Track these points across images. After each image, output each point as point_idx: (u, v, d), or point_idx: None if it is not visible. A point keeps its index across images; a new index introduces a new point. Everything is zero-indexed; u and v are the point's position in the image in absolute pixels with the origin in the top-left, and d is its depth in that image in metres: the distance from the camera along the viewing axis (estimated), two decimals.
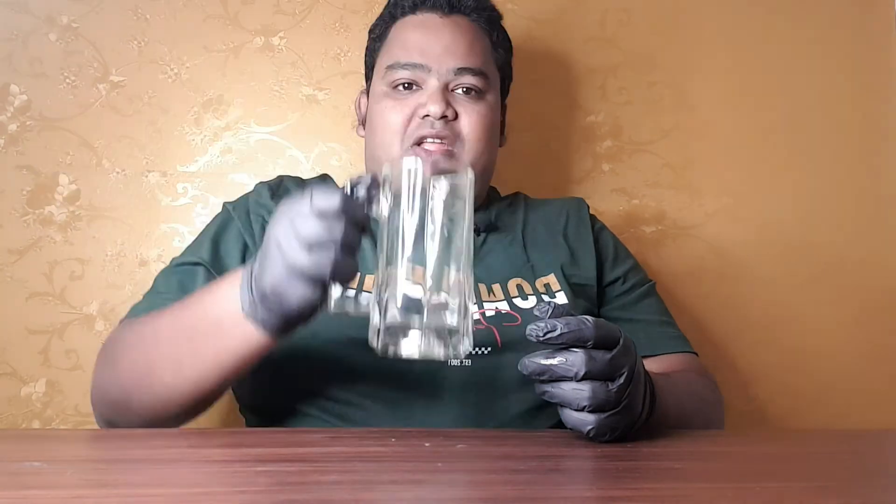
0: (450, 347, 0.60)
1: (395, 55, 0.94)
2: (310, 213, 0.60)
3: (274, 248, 0.61)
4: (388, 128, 0.93)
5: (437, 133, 0.91)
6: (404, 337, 0.59)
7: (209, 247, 0.89)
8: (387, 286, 0.60)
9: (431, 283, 0.59)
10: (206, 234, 0.92)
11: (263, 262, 0.62)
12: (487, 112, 0.94)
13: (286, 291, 0.61)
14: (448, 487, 0.52)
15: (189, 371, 0.69)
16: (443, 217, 0.61)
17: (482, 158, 0.94)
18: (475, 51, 0.95)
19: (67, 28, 1.18)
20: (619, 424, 0.63)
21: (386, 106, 0.94)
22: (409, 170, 0.61)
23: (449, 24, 0.95)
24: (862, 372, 1.29)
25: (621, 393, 0.62)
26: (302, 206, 0.60)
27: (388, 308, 0.60)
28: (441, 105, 0.90)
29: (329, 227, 0.59)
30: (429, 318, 0.59)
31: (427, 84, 0.92)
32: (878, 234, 1.33)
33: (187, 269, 0.87)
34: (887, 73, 1.35)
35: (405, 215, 0.60)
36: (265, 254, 0.62)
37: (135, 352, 0.74)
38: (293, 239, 0.59)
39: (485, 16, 0.98)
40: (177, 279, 0.87)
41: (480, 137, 0.93)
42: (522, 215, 1.00)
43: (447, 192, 0.61)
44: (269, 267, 0.61)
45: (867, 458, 0.68)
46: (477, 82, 0.94)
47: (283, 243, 0.60)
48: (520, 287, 0.90)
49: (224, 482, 0.51)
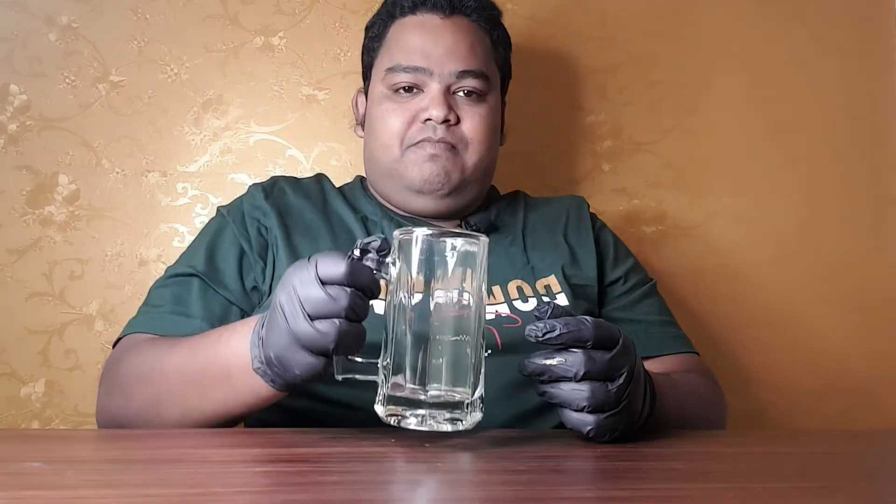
0: (458, 423, 0.59)
1: (396, 57, 0.93)
2: (314, 281, 0.58)
3: (279, 315, 0.60)
4: (389, 131, 0.92)
5: (440, 138, 0.90)
6: (410, 409, 0.58)
7: (204, 256, 0.88)
8: (394, 354, 0.59)
9: (439, 378, 0.58)
10: (200, 242, 0.91)
11: (270, 327, 0.61)
12: (489, 114, 0.94)
13: (291, 361, 0.60)
14: (448, 487, 0.52)
15: (197, 413, 0.70)
16: (454, 294, 0.59)
17: (484, 161, 0.94)
18: (476, 53, 0.94)
19: (67, 28, 1.18)
20: (619, 425, 0.63)
21: (387, 109, 0.93)
22: (419, 242, 0.59)
23: (450, 25, 0.94)
24: (862, 372, 1.29)
25: (621, 393, 0.62)
26: (308, 272, 0.59)
27: (394, 379, 0.59)
28: (443, 109, 0.90)
29: (335, 296, 0.58)
30: (434, 395, 0.58)
31: (429, 87, 0.92)
32: (878, 233, 1.33)
33: (182, 280, 0.86)
34: (888, 73, 1.35)
35: (413, 294, 0.59)
36: (272, 319, 0.61)
37: (144, 387, 0.74)
38: (298, 308, 0.58)
39: (485, 15, 0.97)
40: (171, 291, 0.85)
41: (483, 140, 0.93)
42: (522, 215, 1.00)
43: (458, 261, 0.59)
44: (275, 335, 0.60)
45: (867, 458, 0.68)
46: (478, 85, 0.93)
47: (287, 312, 0.59)
48: (520, 289, 0.90)
49: (224, 482, 0.50)
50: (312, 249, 0.89)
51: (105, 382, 0.79)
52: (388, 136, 0.93)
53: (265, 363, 0.63)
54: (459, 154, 0.92)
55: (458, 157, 0.92)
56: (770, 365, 1.28)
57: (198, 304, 0.83)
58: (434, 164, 0.91)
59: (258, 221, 0.91)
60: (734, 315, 1.28)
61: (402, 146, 0.92)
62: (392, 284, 0.60)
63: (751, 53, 1.33)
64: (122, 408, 0.75)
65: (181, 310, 0.83)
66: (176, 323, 0.82)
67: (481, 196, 1.00)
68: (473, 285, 0.60)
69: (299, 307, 0.58)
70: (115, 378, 0.78)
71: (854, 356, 1.30)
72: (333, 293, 0.58)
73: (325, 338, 0.58)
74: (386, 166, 0.94)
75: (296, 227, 0.91)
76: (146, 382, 0.74)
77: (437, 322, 0.58)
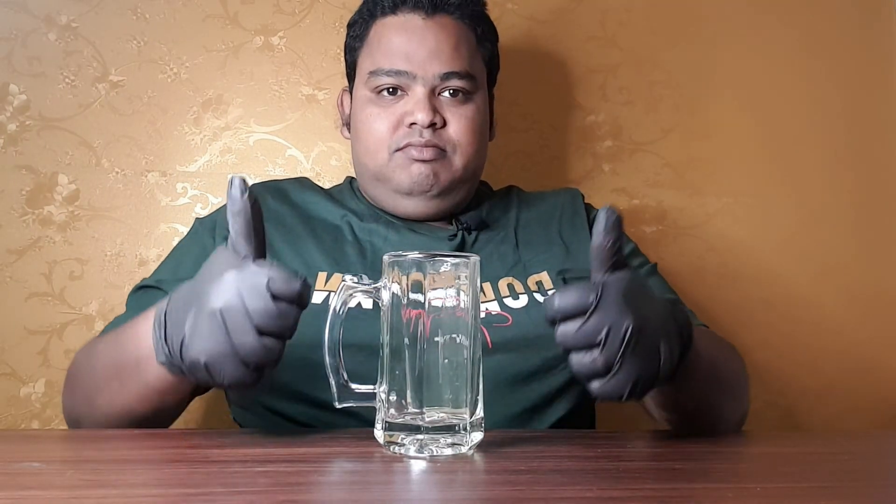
0: (458, 447, 0.58)
1: (378, 61, 0.92)
2: (266, 294, 0.56)
3: (217, 323, 0.57)
4: (374, 135, 0.92)
5: (426, 142, 0.90)
6: (408, 434, 0.58)
7: (171, 266, 0.90)
8: (390, 380, 0.59)
9: (435, 402, 0.58)
10: (173, 252, 0.95)
11: (200, 333, 0.58)
12: (475, 114, 0.93)
13: (222, 370, 0.58)
14: (448, 487, 0.52)
15: (120, 403, 0.71)
16: (449, 317, 0.58)
17: (473, 162, 0.94)
18: (461, 52, 0.92)
19: (67, 27, 1.18)
20: (627, 383, 0.60)
21: (371, 113, 0.92)
22: (410, 265, 0.58)
23: (432, 25, 0.92)
24: (862, 372, 1.29)
25: (611, 356, 0.59)
26: (259, 282, 0.57)
27: (392, 404, 0.59)
28: (429, 114, 0.89)
29: (285, 313, 0.56)
30: (432, 419, 0.58)
31: (413, 91, 0.91)
32: (878, 233, 1.33)
33: (147, 290, 0.88)
34: (888, 73, 1.35)
35: (406, 319, 0.58)
36: (203, 324, 0.58)
37: (80, 380, 0.78)
38: (246, 320, 0.56)
39: (468, 11, 0.95)
40: (137, 301, 0.87)
41: (471, 142, 0.92)
42: (515, 213, 0.99)
43: (450, 283, 0.58)
44: (210, 342, 0.57)
45: (868, 458, 0.68)
46: (464, 85, 0.92)
47: (230, 322, 0.56)
48: (511, 286, 0.89)
49: (224, 482, 0.50)
50: (293, 253, 0.89)
51: (66, 381, 0.83)
52: (373, 141, 0.92)
53: (187, 368, 0.60)
54: (447, 156, 0.91)
55: (446, 159, 0.91)
56: (770, 365, 1.28)
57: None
58: (422, 167, 0.90)
59: (227, 231, 0.91)
60: (734, 315, 1.28)
61: (388, 150, 0.91)
62: (384, 308, 0.60)
63: (751, 53, 1.32)
64: (69, 402, 0.80)
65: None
66: None
67: (471, 194, 0.99)
68: (467, 306, 0.59)
69: (247, 319, 0.56)
70: (67, 377, 0.82)
71: (854, 356, 1.29)
72: (283, 310, 0.57)
73: (270, 354, 0.57)
74: (373, 171, 0.93)
75: (275, 231, 0.91)
76: (80, 376, 0.78)
77: (432, 345, 0.58)
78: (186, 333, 0.59)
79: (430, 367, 0.58)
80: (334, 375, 0.61)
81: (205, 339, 0.58)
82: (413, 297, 0.58)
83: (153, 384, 0.67)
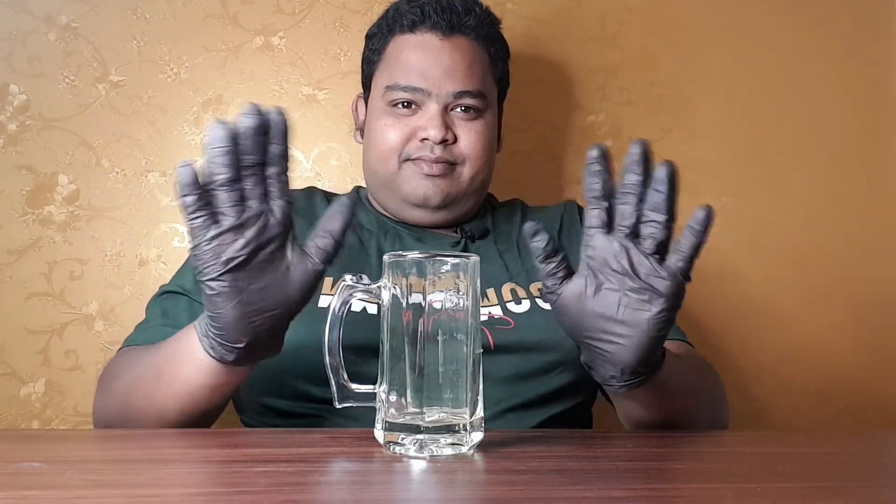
0: (458, 447, 0.58)
1: (395, 76, 0.95)
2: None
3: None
4: (386, 145, 0.95)
5: (437, 157, 0.93)
6: (408, 434, 0.58)
7: (192, 275, 0.90)
8: (390, 380, 0.59)
9: (434, 399, 0.58)
10: (189, 262, 0.94)
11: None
12: (485, 130, 0.96)
13: (233, 242, 0.62)
14: (448, 487, 0.52)
15: (161, 400, 0.72)
16: (449, 317, 0.58)
17: (481, 175, 0.97)
18: (474, 72, 0.96)
19: (67, 28, 1.18)
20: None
21: (385, 123, 0.95)
22: (410, 265, 0.58)
23: (448, 46, 0.95)
24: (862, 372, 1.29)
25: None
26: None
27: (392, 404, 0.59)
28: (441, 130, 0.92)
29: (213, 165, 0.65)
30: (432, 419, 0.58)
31: (426, 107, 0.94)
32: (878, 233, 1.33)
33: (171, 296, 0.90)
34: (888, 73, 1.35)
35: (406, 318, 0.58)
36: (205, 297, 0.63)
37: (118, 382, 0.79)
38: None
39: (483, 33, 0.98)
40: (161, 307, 0.89)
41: (480, 155, 0.96)
42: (519, 223, 1.01)
43: (451, 282, 0.58)
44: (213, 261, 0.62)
45: (867, 458, 0.68)
46: (475, 103, 0.95)
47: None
48: (514, 291, 0.91)
49: (224, 482, 0.50)
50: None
51: (98, 388, 0.84)
52: (385, 149, 0.95)
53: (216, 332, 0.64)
54: (456, 170, 0.95)
55: (455, 172, 0.95)
56: (770, 365, 1.28)
57: (185, 315, 0.86)
58: (430, 182, 0.93)
59: None
60: (734, 315, 1.28)
61: (399, 160, 0.94)
62: (385, 308, 0.60)
63: (751, 54, 1.32)
64: (106, 408, 0.81)
65: (169, 322, 0.86)
66: (165, 334, 0.83)
67: (478, 205, 1.01)
68: (467, 306, 0.59)
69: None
70: (101, 381, 0.84)
71: (854, 356, 1.29)
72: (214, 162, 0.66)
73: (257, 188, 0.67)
74: (383, 178, 0.96)
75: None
76: (120, 378, 0.80)
77: (432, 345, 0.58)
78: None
79: (430, 367, 0.58)
80: (334, 375, 0.61)
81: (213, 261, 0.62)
82: (413, 296, 0.58)
83: (195, 375, 0.68)
